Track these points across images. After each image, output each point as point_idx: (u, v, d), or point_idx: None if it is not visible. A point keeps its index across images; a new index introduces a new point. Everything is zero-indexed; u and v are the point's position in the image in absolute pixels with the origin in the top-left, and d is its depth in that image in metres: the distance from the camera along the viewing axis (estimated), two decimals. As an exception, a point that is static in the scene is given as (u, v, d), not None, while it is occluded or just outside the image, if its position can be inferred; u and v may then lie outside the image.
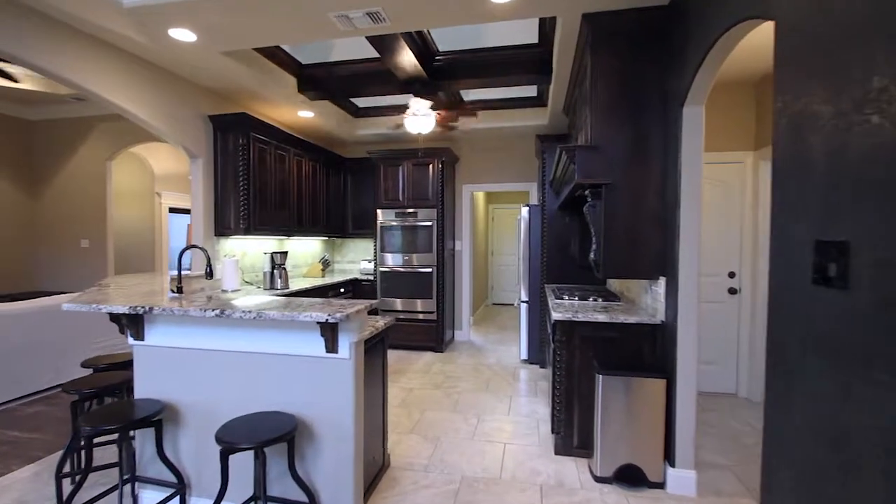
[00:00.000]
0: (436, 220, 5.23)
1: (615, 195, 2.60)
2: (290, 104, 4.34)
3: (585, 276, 4.43)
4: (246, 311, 1.69)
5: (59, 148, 5.73)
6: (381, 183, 5.39)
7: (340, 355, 1.85)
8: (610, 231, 2.60)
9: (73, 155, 5.72)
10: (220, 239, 4.02)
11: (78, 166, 5.68)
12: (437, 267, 5.23)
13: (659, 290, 2.58)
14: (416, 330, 5.30)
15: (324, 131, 5.38)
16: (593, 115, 2.63)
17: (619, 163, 2.59)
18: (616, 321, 2.61)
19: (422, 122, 4.04)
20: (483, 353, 5.24)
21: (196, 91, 3.76)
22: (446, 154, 5.24)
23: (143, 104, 3.27)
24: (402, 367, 4.63)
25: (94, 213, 5.66)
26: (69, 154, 5.74)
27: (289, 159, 4.56)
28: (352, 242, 6.23)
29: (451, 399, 3.72)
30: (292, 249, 5.23)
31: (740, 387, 3.79)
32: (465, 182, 5.90)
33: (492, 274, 9.23)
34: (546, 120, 4.90)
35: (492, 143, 5.78)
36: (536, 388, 4.04)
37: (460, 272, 5.93)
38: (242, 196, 3.90)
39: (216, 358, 2.01)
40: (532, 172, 5.68)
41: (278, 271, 4.09)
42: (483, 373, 4.47)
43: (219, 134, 3.94)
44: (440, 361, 4.89)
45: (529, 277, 4.77)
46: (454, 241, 5.91)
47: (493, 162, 5.79)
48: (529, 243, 4.77)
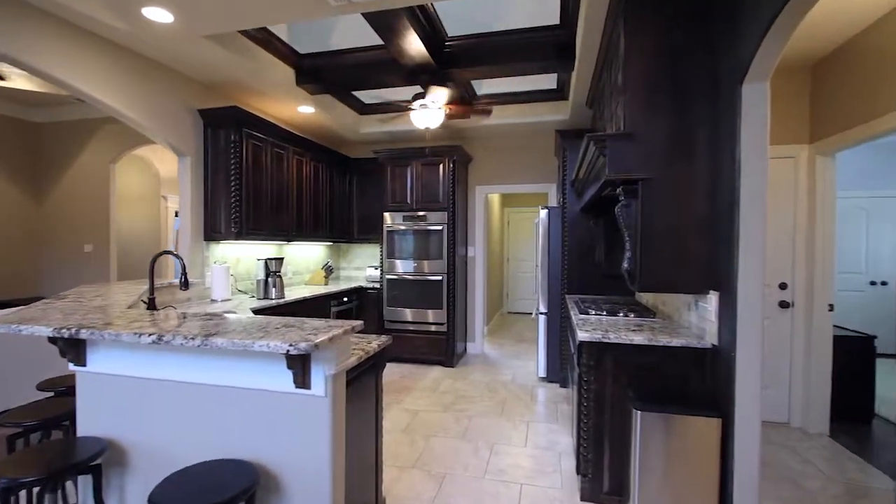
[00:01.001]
0: (446, 223, 4.84)
1: (654, 193, 2.17)
2: (289, 99, 4.02)
3: (611, 286, 3.98)
4: (189, 337, 1.32)
5: (63, 151, 5.56)
6: (389, 184, 5.03)
7: (314, 391, 1.47)
8: (647, 236, 2.18)
9: (77, 158, 5.53)
10: (210, 244, 3.71)
11: (81, 169, 5.49)
12: (447, 274, 4.84)
13: (708, 308, 2.14)
14: (424, 342, 4.91)
15: (327, 130, 5.06)
16: (628, 97, 2.21)
17: (658, 155, 2.17)
18: (656, 344, 2.18)
19: (430, 116, 3.67)
20: (497, 369, 4.81)
21: (183, 83, 3.47)
22: (458, 153, 4.87)
23: (122, 95, 2.98)
24: (407, 385, 4.24)
25: (97, 217, 5.47)
26: (73, 157, 5.56)
27: (287, 158, 4.23)
28: (358, 248, 5.89)
29: (461, 424, 3.31)
30: (293, 255, 4.90)
31: (793, 415, 3.29)
32: (479, 183, 5.51)
33: (507, 281, 8.79)
34: (567, 115, 4.48)
35: (507, 140, 5.38)
36: (557, 411, 3.60)
37: (473, 280, 5.53)
38: (234, 198, 3.57)
39: (170, 390, 1.65)
40: (551, 172, 5.26)
41: (273, 279, 3.76)
42: (497, 392, 4.05)
43: (209, 130, 3.64)
44: (450, 378, 4.48)
45: (548, 287, 4.34)
46: (467, 246, 5.51)
47: (509, 161, 5.39)
48: (548, 249, 4.35)
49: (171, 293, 3.34)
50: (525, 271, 8.67)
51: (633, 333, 2.27)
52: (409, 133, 5.23)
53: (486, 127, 4.96)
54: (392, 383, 4.27)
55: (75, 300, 2.18)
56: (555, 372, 4.32)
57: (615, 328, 2.41)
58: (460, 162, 5.07)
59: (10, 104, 5.32)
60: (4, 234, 5.37)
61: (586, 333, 2.28)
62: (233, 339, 1.29)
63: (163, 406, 1.66)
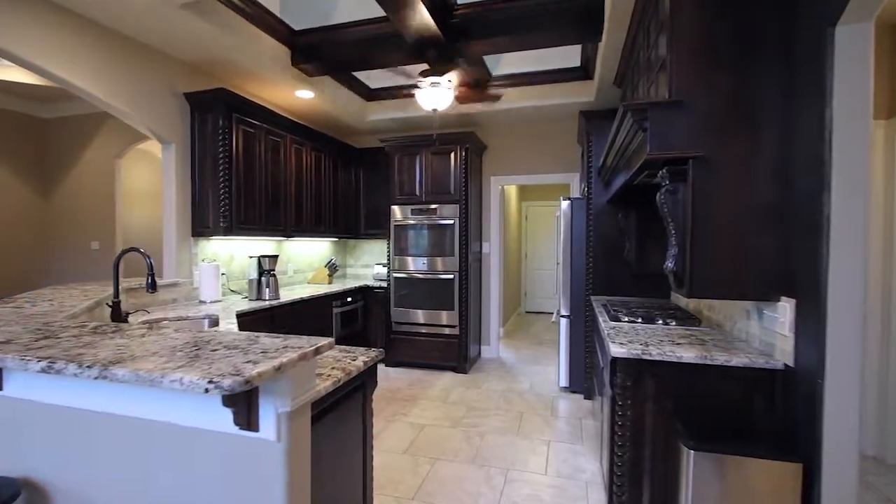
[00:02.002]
0: (458, 217, 4.45)
1: (708, 174, 1.74)
2: (285, 82, 3.68)
3: (642, 287, 3.53)
4: (86, 365, 0.97)
5: (69, 146, 5.40)
6: (396, 175, 4.66)
7: (262, 434, 1.11)
8: (700, 229, 1.74)
9: (83, 153, 5.36)
10: (199, 240, 3.40)
11: (87, 165, 5.33)
12: (459, 272, 4.45)
13: (778, 318, 1.69)
14: (434, 346, 4.54)
15: (332, 118, 4.71)
16: (675, 56, 1.78)
17: (714, 126, 1.73)
18: (711, 362, 1.75)
19: (437, 97, 3.28)
20: (514, 376, 4.40)
21: (165, 63, 3.15)
22: (470, 140, 4.46)
23: (94, 76, 2.67)
24: (415, 394, 3.87)
25: (103, 213, 5.29)
26: (79, 152, 5.39)
27: (285, 147, 3.90)
28: (366, 244, 5.55)
29: (472, 444, 2.93)
30: (294, 252, 4.59)
31: (866, 442, 2.79)
32: (494, 174, 5.09)
33: (525, 279, 8.34)
34: (592, 96, 4.02)
35: (525, 127, 4.95)
36: (581, 429, 3.18)
37: (488, 278, 5.12)
38: (223, 189, 3.26)
39: (97, 423, 1.31)
40: (573, 161, 4.80)
41: (266, 278, 3.43)
42: (513, 404, 3.65)
43: (197, 115, 3.32)
44: (462, 386, 4.10)
45: (571, 287, 3.90)
46: (481, 242, 5.11)
47: (527, 150, 4.95)
48: (571, 245, 3.91)
49: (154, 294, 3.04)
50: (545, 269, 8.20)
51: (680, 348, 1.84)
52: (419, 120, 4.84)
53: (502, 112, 4.53)
54: (398, 392, 3.91)
55: (17, 306, 1.87)
56: (578, 381, 3.89)
57: (655, 340, 1.98)
58: (473, 150, 4.66)
59: (19, 100, 5.18)
60: (13, 232, 5.28)
61: (621, 347, 1.86)
62: (137, 371, 0.93)
63: (88, 441, 1.32)
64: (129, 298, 2.86)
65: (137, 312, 2.57)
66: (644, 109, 1.80)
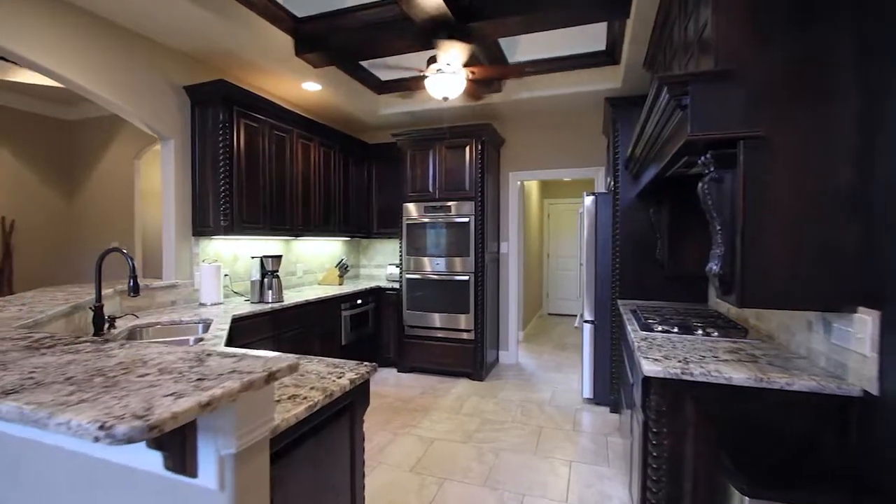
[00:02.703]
0: (474, 215, 4.19)
1: (764, 158, 1.44)
2: (290, 74, 3.50)
3: (675, 289, 3.20)
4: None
5: (91, 147, 5.43)
6: (408, 171, 4.44)
7: (201, 481, 0.88)
8: (753, 224, 1.45)
9: (104, 154, 5.39)
10: (199, 240, 3.26)
11: (108, 166, 5.35)
12: (475, 273, 4.19)
13: (854, 333, 1.38)
14: (449, 351, 4.30)
15: (342, 112, 4.53)
16: (720, 16, 1.48)
17: (771, 100, 1.43)
18: (769, 385, 1.44)
19: (447, 83, 3.03)
20: (534, 385, 4.11)
21: (162, 55, 3.01)
22: (486, 133, 4.19)
23: (83, 67, 2.54)
24: (426, 403, 3.63)
25: (122, 213, 5.31)
26: (100, 153, 5.42)
27: (291, 143, 3.73)
28: (379, 244, 5.35)
29: (485, 462, 2.67)
30: (304, 252, 4.42)
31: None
32: (513, 169, 4.81)
33: (548, 280, 8.00)
34: (618, 81, 3.69)
35: (545, 118, 4.64)
36: (607, 447, 2.87)
37: (506, 280, 4.84)
38: (223, 186, 3.09)
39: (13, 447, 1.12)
40: (598, 154, 4.48)
41: (269, 279, 3.26)
42: (532, 416, 3.37)
43: (197, 110, 3.18)
44: (477, 394, 3.84)
45: (595, 290, 3.59)
46: (499, 241, 4.84)
47: (548, 143, 4.65)
48: (595, 244, 3.60)
49: (151, 297, 2.90)
50: (568, 269, 7.85)
51: (727, 366, 1.54)
52: (434, 114, 4.60)
53: (520, 102, 4.25)
54: (409, 401, 3.69)
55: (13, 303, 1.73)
56: (603, 393, 3.58)
57: (696, 356, 1.68)
58: (490, 144, 4.39)
59: (41, 102, 5.23)
60: (40, 233, 5.36)
61: (655, 365, 1.57)
62: (22, 408, 0.72)
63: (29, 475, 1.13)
64: (124, 301, 2.72)
65: (126, 317, 2.42)
66: (684, 82, 1.51)
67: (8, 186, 5.18)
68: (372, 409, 3.44)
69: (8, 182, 5.18)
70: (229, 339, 2.70)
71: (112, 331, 2.22)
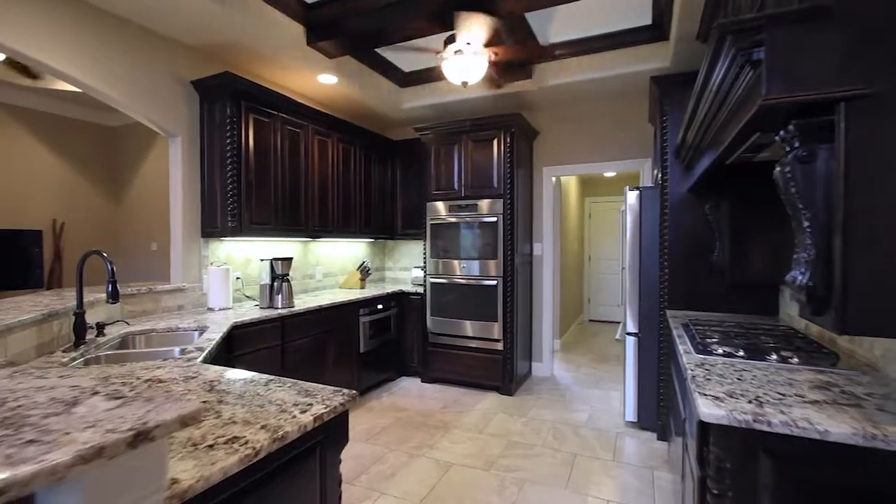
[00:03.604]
0: (503, 213, 3.84)
1: (879, 126, 1.02)
2: (303, 65, 3.31)
3: (736, 299, 2.71)
4: None
5: (135, 152, 5.57)
6: (432, 168, 4.15)
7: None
8: (863, 216, 1.03)
9: (146, 158, 5.52)
10: (209, 241, 3.11)
11: (149, 169, 5.47)
12: (504, 278, 3.84)
13: None
14: (476, 362, 3.96)
15: (363, 107, 4.31)
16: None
17: (885, 46, 1.01)
18: (884, 446, 1.02)
19: (467, 65, 2.71)
20: (569, 402, 3.70)
21: (168, 48, 2.88)
22: (516, 124, 3.83)
23: (81, 60, 2.43)
24: (447, 420, 3.32)
25: (161, 215, 5.39)
26: (143, 158, 5.56)
27: (306, 139, 3.53)
28: (405, 245, 5.10)
29: (506, 497, 2.32)
30: (324, 254, 4.23)
31: None
32: (547, 163, 4.41)
33: (589, 285, 7.48)
34: (667, 59, 3.24)
35: (583, 105, 4.22)
36: (653, 484, 2.45)
37: (540, 284, 4.44)
38: (231, 185, 2.93)
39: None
40: (644, 145, 4.00)
41: (278, 283, 3.06)
42: (566, 440, 2.98)
43: (205, 105, 3.04)
44: (505, 412, 3.48)
45: (640, 298, 3.15)
46: (531, 242, 4.45)
47: (586, 133, 4.22)
48: (640, 246, 3.15)
49: (156, 301, 2.78)
50: (611, 272, 7.30)
51: (819, 412, 1.13)
52: (460, 105, 4.29)
53: (555, 89, 3.85)
54: (429, 416, 3.39)
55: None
56: (648, 416, 3.12)
57: (773, 394, 1.27)
58: (521, 136, 4.03)
59: (86, 109, 5.40)
60: (88, 235, 5.56)
61: (717, 406, 1.18)
62: None
63: None
64: (126, 306, 2.60)
65: (117, 323, 2.27)
66: (756, 27, 1.12)
67: (58, 191, 5.38)
68: (389, 424, 3.18)
69: (58, 186, 5.38)
70: (228, 347, 2.51)
71: (100, 338, 2.06)
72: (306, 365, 3.10)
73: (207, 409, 1.17)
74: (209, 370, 1.55)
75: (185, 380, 1.44)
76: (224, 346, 2.48)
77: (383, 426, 3.19)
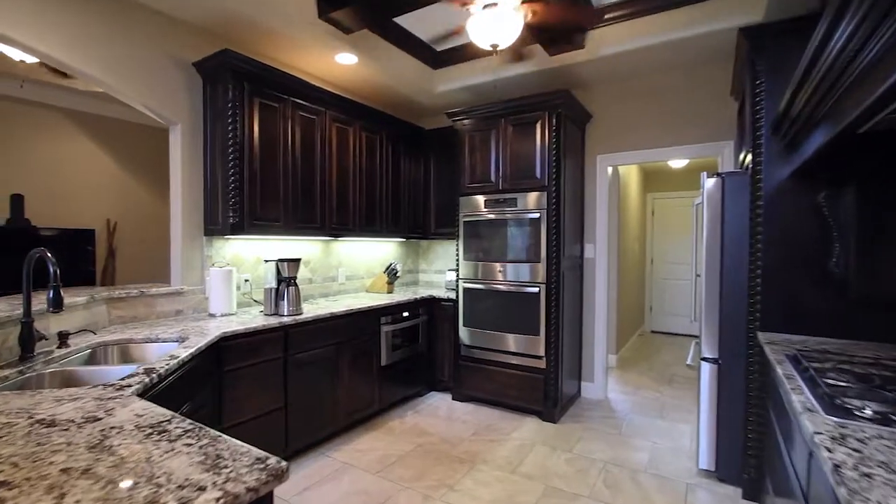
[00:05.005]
0: (547, 209, 3.28)
1: None
2: (317, 43, 2.95)
3: (863, 320, 1.99)
4: None
5: None
6: (466, 157, 3.66)
7: None
8: None
9: None
10: (212, 240, 2.83)
11: None
12: (548, 284, 3.28)
13: None
14: (513, 381, 3.43)
15: (390, 92, 3.91)
16: None
17: None
18: None
19: (497, 24, 2.20)
20: (626, 436, 3.07)
21: (164, 26, 2.61)
22: (563, 104, 3.25)
23: (65, 39, 2.19)
24: (476, 450, 2.82)
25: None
26: None
27: (323, 126, 3.18)
28: (439, 245, 4.65)
29: (537, 573, 1.79)
30: (348, 255, 3.88)
31: None
32: (602, 150, 3.77)
33: (651, 292, 6.64)
34: (760, 10, 2.53)
35: (645, 79, 3.54)
36: (742, 571, 1.80)
37: (592, 291, 3.82)
38: (232, 177, 2.62)
39: None
40: (723, 125, 3.27)
41: (284, 288, 2.72)
42: (620, 490, 2.38)
43: (208, 90, 2.76)
44: (545, 443, 2.92)
45: (721, 315, 2.47)
46: (582, 243, 3.84)
47: (650, 113, 3.54)
48: (722, 248, 2.48)
49: (150, 305, 2.52)
50: (678, 279, 6.43)
51: None
52: (503, 85, 3.77)
53: (612, 59, 3.23)
54: (456, 444, 2.91)
55: None
56: (731, 466, 2.44)
57: None
58: (569, 118, 3.43)
59: (132, 111, 5.48)
60: (139, 234, 5.66)
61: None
62: None
63: None
64: (114, 311, 2.35)
65: (82, 332, 2.00)
66: None
67: (112, 191, 5.50)
68: (408, 452, 2.74)
69: (112, 187, 5.50)
70: (218, 361, 2.18)
71: (60, 350, 1.78)
72: (315, 381, 2.73)
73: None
74: (125, 409, 1.17)
75: (83, 423, 1.08)
76: (212, 359, 2.16)
77: (400, 455, 2.75)
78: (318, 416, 2.76)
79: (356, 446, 2.85)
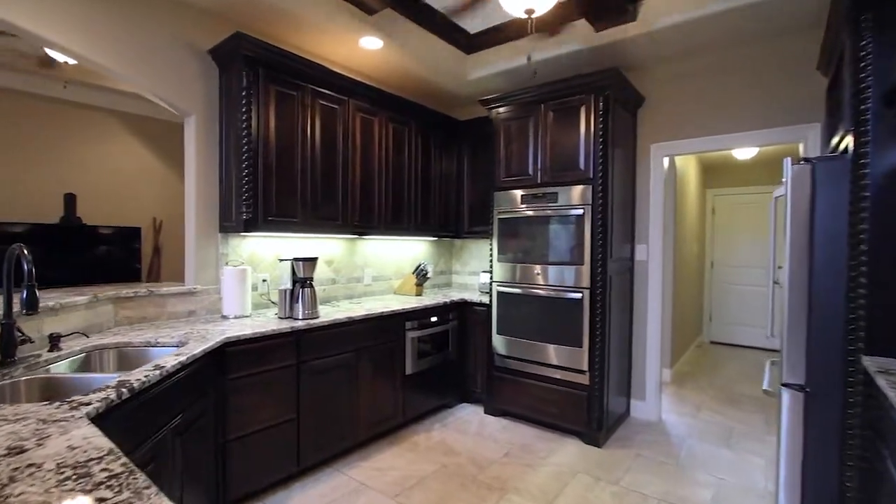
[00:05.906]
0: (592, 204, 2.90)
1: None
2: (339, 26, 2.74)
3: None
4: None
5: None
6: (501, 148, 3.34)
7: None
8: None
9: None
10: (228, 237, 2.69)
11: None
12: (593, 289, 2.90)
13: None
14: (553, 396, 3.07)
15: (420, 80, 3.66)
16: None
17: None
18: None
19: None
20: (684, 467, 2.64)
21: (176, 10, 2.47)
22: (613, 84, 2.86)
23: (76, 27, 2.09)
24: (507, 476, 2.50)
25: None
26: None
27: (345, 116, 2.97)
28: (474, 245, 4.34)
29: None
30: (374, 254, 3.67)
31: None
32: (657, 139, 3.33)
33: (711, 298, 6.01)
34: (862, -44, 2.04)
35: (710, 54, 3.08)
36: None
37: (643, 298, 3.38)
38: (246, 171, 2.45)
39: None
40: (806, 105, 2.75)
41: (299, 290, 2.52)
42: (678, 540, 1.98)
43: (224, 78, 2.61)
44: (588, 472, 2.55)
45: (809, 332, 2.01)
46: (633, 244, 3.41)
47: (714, 93, 3.08)
48: (811, 250, 2.02)
49: (160, 306, 2.39)
50: (742, 284, 5.77)
51: None
52: (543, 67, 3.42)
53: (670, 32, 2.81)
54: (485, 467, 2.60)
55: None
56: (824, 518, 1.98)
57: None
58: (618, 102, 3.03)
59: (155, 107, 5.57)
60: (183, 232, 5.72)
61: None
62: None
63: None
64: (122, 311, 2.24)
65: (73, 335, 1.86)
66: None
67: (157, 190, 5.63)
68: (430, 473, 2.46)
69: (156, 186, 5.63)
70: (222, 369, 2.00)
71: (49, 354, 1.65)
72: (331, 390, 2.51)
73: None
74: (62, 437, 0.97)
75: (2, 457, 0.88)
76: (215, 366, 1.98)
77: (421, 476, 2.48)
78: (335, 429, 2.55)
79: (375, 463, 2.61)
